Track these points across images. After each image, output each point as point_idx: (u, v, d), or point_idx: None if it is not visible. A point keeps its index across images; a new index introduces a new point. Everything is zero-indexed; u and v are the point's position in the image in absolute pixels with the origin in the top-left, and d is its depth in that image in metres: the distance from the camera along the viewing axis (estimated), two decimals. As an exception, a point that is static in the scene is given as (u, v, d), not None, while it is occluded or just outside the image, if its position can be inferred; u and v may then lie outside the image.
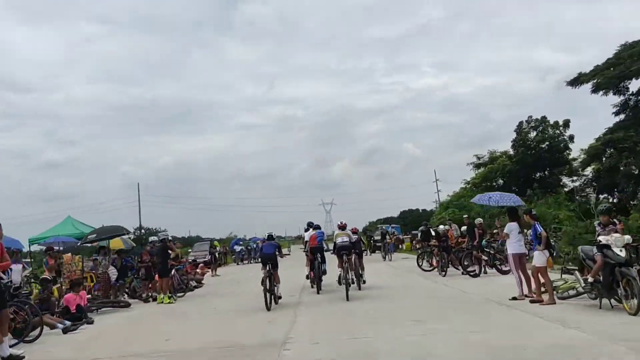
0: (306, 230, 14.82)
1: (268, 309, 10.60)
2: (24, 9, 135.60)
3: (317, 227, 14.18)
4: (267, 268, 11.14)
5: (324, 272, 13.67)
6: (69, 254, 15.50)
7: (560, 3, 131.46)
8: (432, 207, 57.01)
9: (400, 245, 36.84)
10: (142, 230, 43.48)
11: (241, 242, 39.41)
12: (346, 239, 12.70)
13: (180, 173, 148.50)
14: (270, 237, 12.08)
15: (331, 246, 13.68)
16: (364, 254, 14.77)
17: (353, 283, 12.34)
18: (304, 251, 14.06)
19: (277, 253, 11.63)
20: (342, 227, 13.32)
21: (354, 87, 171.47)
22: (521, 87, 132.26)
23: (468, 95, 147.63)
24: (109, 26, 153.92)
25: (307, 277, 14.01)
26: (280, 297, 11.49)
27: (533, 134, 39.14)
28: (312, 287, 13.62)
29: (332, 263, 14.07)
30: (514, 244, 10.30)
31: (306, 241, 14.30)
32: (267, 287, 10.81)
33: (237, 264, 34.35)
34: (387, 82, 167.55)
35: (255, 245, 35.37)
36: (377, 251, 31.19)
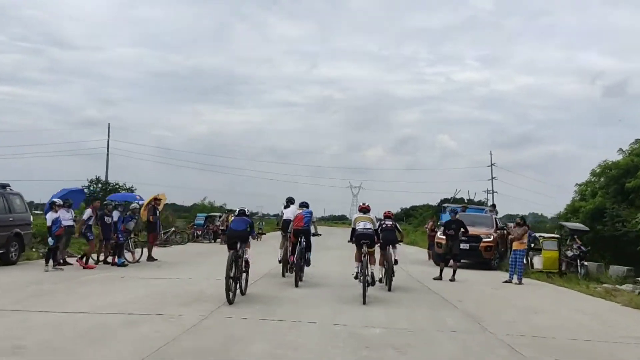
0: (285, 207, 12.19)
1: (230, 301, 8.09)
2: None
3: (305, 205, 11.53)
4: (235, 249, 8.63)
5: (308, 263, 11.14)
6: None
7: (612, 7, 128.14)
8: (480, 196, 52.59)
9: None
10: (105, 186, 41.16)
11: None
12: (369, 225, 9.90)
13: (213, 143, 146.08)
14: (242, 212, 9.34)
15: (320, 230, 11.17)
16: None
17: (373, 284, 9.56)
18: (279, 229, 11.51)
19: (249, 231, 9.00)
20: (365, 210, 10.22)
21: (395, 74, 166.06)
22: (564, 90, 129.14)
23: (508, 93, 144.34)
24: None
25: (280, 262, 11.55)
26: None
27: None
28: (284, 276, 11.34)
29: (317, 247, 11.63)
30: None
31: (285, 219, 11.69)
32: (231, 274, 8.30)
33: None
34: (429, 72, 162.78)
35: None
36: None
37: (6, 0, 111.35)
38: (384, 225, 10.91)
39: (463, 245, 14.60)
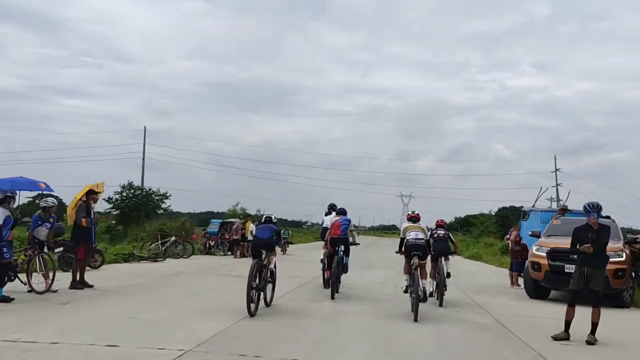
0: (327, 213, 11.27)
1: (251, 314, 7.41)
2: None
3: (342, 212, 10.56)
4: (260, 258, 7.98)
5: (345, 269, 10.27)
6: None
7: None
8: (543, 205, 48.90)
9: None
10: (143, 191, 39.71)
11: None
12: (421, 235, 8.83)
13: (266, 153, 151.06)
14: (269, 219, 8.77)
15: (358, 239, 10.26)
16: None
17: (425, 300, 8.43)
18: (325, 240, 10.65)
19: (275, 239, 8.34)
20: (414, 219, 9.22)
21: (447, 82, 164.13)
22: (625, 96, 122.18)
23: (566, 99, 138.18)
24: (210, 5, 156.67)
25: (322, 262, 10.69)
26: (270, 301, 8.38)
27: None
28: (326, 287, 10.26)
29: (357, 261, 10.66)
30: None
31: (324, 227, 10.80)
32: (255, 284, 7.63)
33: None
34: (483, 79, 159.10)
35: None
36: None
37: (69, 16, 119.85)
38: (435, 235, 10.14)
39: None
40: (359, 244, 11.26)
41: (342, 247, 9.91)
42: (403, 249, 8.92)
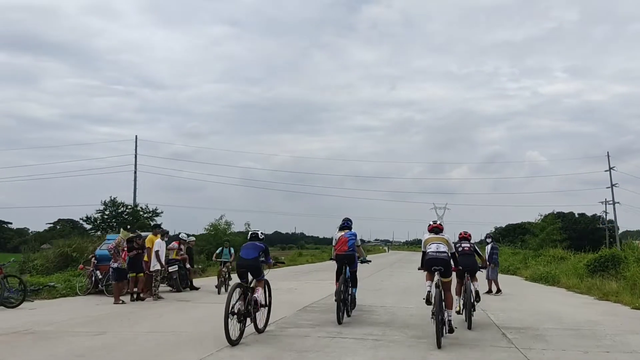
0: (341, 228, 9.93)
1: (232, 343, 6.62)
2: (162, 12, 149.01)
3: (347, 226, 9.42)
4: (246, 280, 7.24)
5: (353, 303, 9.26)
6: None
7: None
8: (595, 209, 44.03)
9: None
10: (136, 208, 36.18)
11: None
12: (443, 247, 7.64)
13: (296, 171, 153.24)
14: (255, 236, 7.88)
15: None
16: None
17: (451, 331, 7.27)
18: (331, 258, 9.62)
19: (261, 259, 7.51)
20: (436, 230, 8.03)
21: (476, 92, 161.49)
22: None
23: (602, 103, 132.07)
24: (236, 29, 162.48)
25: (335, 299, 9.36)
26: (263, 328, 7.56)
27: None
28: (339, 322, 8.57)
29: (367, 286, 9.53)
30: None
31: (334, 245, 9.65)
32: (236, 309, 6.83)
33: None
34: (513, 87, 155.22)
35: None
36: None
37: (101, 47, 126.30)
38: (460, 249, 9.06)
39: None
40: (370, 261, 10.22)
41: (348, 267, 8.95)
42: (423, 263, 7.87)
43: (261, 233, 7.93)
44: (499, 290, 14.17)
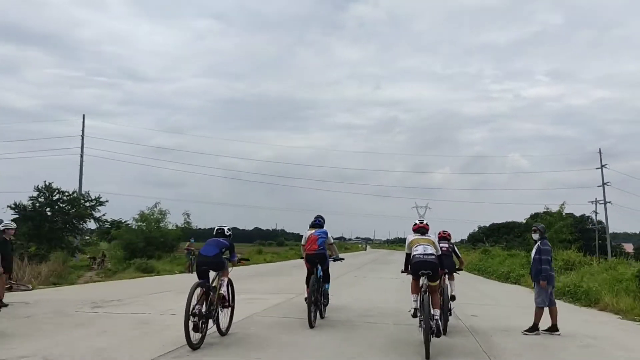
0: (312, 226, 9.44)
1: (192, 345, 6.13)
2: (147, 4, 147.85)
3: (318, 224, 9.00)
4: (206, 279, 6.79)
5: (326, 298, 8.93)
6: None
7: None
8: (584, 209, 42.82)
9: None
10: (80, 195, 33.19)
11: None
12: (430, 249, 7.09)
13: (279, 168, 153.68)
14: (220, 231, 7.33)
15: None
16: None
17: (439, 334, 6.64)
18: (301, 257, 9.08)
19: (223, 255, 7.03)
20: (422, 230, 7.48)
21: (460, 93, 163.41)
22: None
23: (584, 107, 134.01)
24: (221, 24, 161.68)
25: (306, 300, 8.75)
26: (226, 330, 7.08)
27: None
28: (311, 326, 7.96)
29: (341, 282, 9.08)
30: None
31: (303, 244, 9.12)
32: (198, 310, 6.38)
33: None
34: (496, 89, 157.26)
35: None
36: None
37: (85, 38, 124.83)
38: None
39: None
40: (342, 259, 9.80)
41: (322, 265, 8.57)
42: (409, 267, 7.28)
43: (227, 229, 7.39)
44: (555, 328, 8.27)
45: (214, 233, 7.37)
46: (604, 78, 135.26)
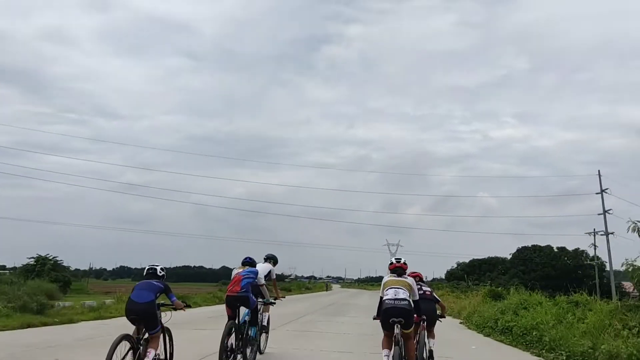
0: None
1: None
2: (119, 42, 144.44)
3: (248, 262, 8.18)
4: (138, 331, 5.81)
5: (257, 347, 8.05)
6: None
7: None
8: (581, 243, 38.42)
9: None
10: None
11: None
12: (403, 292, 6.32)
13: (251, 206, 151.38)
14: (152, 272, 6.18)
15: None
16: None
17: None
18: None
19: (156, 302, 5.93)
20: (399, 270, 6.73)
21: (430, 133, 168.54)
22: (607, 144, 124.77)
23: (549, 149, 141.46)
24: (194, 61, 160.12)
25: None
26: None
27: None
28: None
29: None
30: None
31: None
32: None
33: None
34: (465, 129, 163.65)
35: None
36: None
37: (56, 74, 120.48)
38: (420, 293, 7.50)
39: None
40: (274, 303, 8.77)
41: (243, 309, 7.66)
42: (380, 314, 6.42)
43: (161, 269, 6.23)
44: None
45: (144, 274, 6.24)
46: (569, 120, 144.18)
